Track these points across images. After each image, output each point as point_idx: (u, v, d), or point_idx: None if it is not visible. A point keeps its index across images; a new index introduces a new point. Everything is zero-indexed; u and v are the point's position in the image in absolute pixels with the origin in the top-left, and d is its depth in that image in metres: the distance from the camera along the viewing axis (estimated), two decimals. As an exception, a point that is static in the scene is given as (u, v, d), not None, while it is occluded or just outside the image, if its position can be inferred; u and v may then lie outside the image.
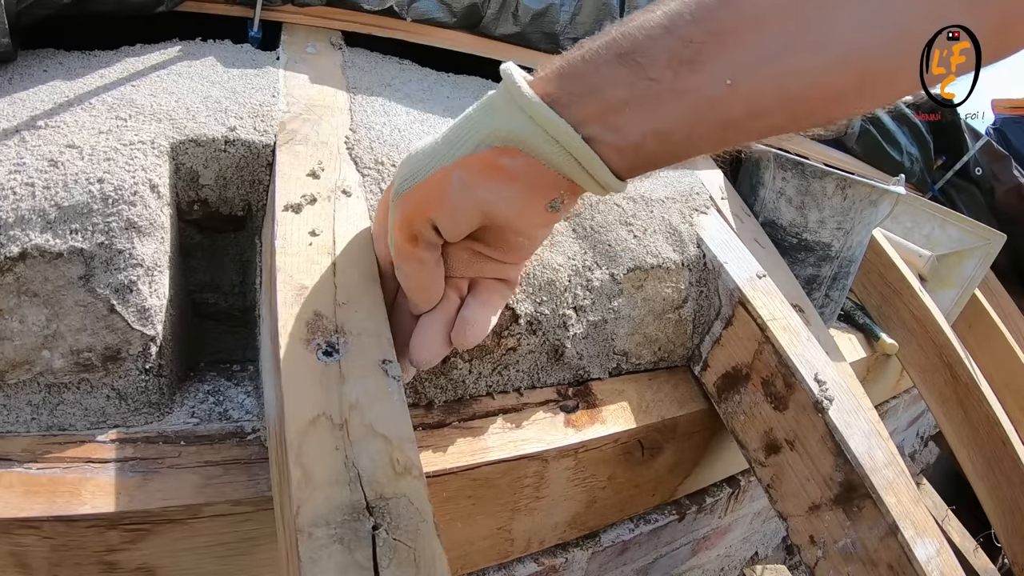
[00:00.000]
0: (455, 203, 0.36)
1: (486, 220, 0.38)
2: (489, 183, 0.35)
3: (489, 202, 0.36)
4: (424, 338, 0.42)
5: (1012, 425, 1.10)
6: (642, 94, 0.32)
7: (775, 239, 0.96)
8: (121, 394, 0.46)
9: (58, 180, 0.45)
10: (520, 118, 0.34)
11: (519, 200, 0.36)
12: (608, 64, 0.33)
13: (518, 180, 0.35)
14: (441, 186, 0.36)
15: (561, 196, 0.37)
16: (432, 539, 0.35)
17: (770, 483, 0.67)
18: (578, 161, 0.34)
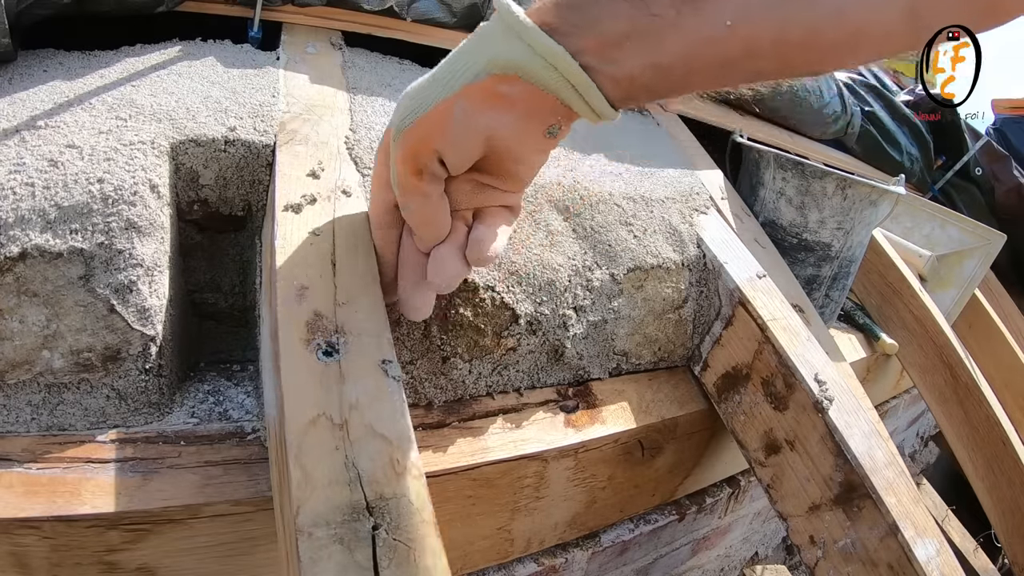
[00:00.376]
0: (459, 132, 0.37)
1: (487, 148, 0.38)
2: (490, 111, 0.36)
3: (491, 128, 0.37)
4: (442, 261, 0.42)
5: (1012, 425, 1.10)
6: (643, 28, 0.33)
7: (775, 239, 0.96)
8: (121, 394, 0.46)
9: (58, 180, 0.45)
10: (518, 46, 0.34)
11: (519, 126, 0.37)
12: (612, 4, 0.34)
13: (517, 106, 0.36)
14: (444, 117, 0.36)
15: (558, 122, 0.37)
16: (432, 539, 0.35)
17: (770, 483, 0.67)
18: (575, 88, 0.35)
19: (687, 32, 0.32)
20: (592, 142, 0.86)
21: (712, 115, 1.18)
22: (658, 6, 0.32)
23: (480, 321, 0.57)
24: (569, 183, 0.71)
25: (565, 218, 0.67)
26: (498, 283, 0.58)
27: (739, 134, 1.06)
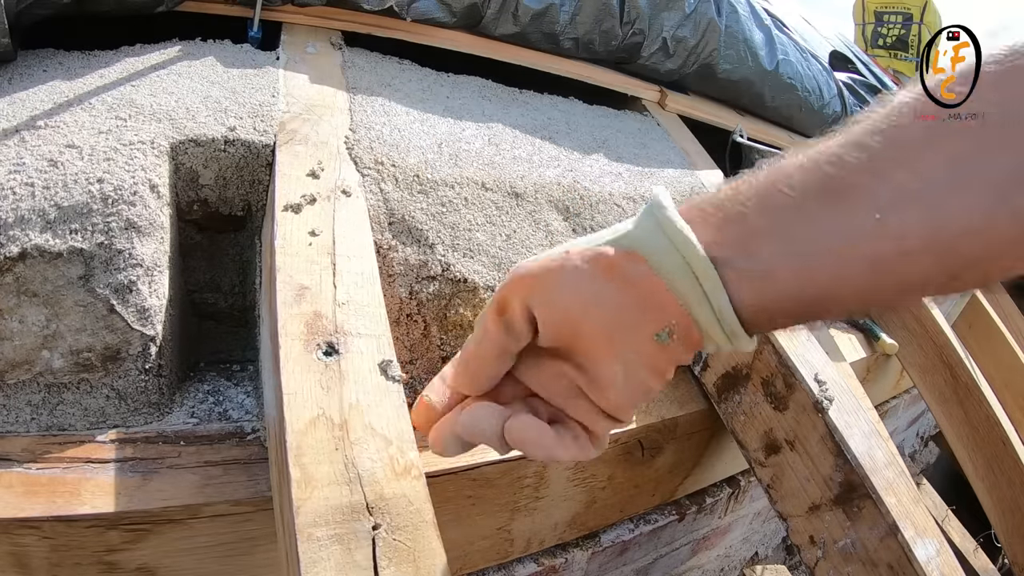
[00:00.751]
0: (562, 289, 0.33)
1: (587, 330, 0.34)
2: (602, 280, 0.33)
3: (595, 302, 0.33)
4: (471, 415, 0.36)
5: (1012, 425, 1.10)
6: (786, 220, 0.30)
7: (775, 239, 0.96)
8: (121, 394, 0.46)
9: (58, 180, 0.45)
10: (658, 236, 0.32)
11: (624, 311, 0.33)
12: (755, 193, 0.32)
13: (631, 289, 0.33)
14: (555, 267, 0.34)
15: (671, 328, 0.33)
16: (432, 539, 0.35)
17: (770, 483, 0.67)
18: (701, 286, 0.32)
19: (832, 224, 0.30)
20: (592, 142, 0.86)
21: (712, 115, 1.18)
22: (803, 199, 0.30)
23: (480, 321, 0.57)
24: (569, 183, 0.71)
25: (565, 218, 0.67)
26: (498, 283, 0.58)
27: (739, 134, 1.06)
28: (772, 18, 1.32)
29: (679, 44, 1.06)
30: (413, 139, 0.66)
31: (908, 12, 3.92)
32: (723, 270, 0.31)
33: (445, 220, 0.58)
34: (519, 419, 0.35)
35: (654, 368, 0.34)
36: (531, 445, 0.34)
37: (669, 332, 0.33)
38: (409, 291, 0.55)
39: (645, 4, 1.00)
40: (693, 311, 0.32)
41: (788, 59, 1.23)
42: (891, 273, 0.29)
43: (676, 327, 0.33)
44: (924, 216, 0.28)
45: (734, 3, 1.15)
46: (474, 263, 0.57)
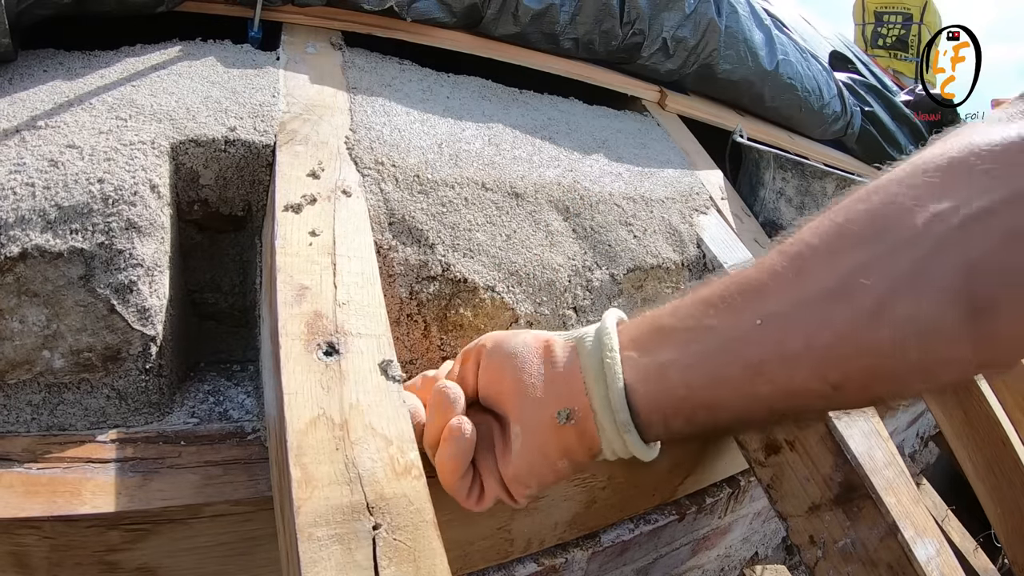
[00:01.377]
0: (505, 349, 0.40)
1: (506, 387, 0.39)
2: (537, 355, 0.38)
3: (522, 369, 0.38)
4: None
5: (1012, 425, 1.09)
6: (685, 327, 0.34)
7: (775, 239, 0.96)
8: (121, 394, 0.46)
9: (58, 180, 0.45)
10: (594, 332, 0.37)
11: (540, 384, 0.37)
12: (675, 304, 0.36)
13: (554, 370, 0.37)
14: (510, 334, 0.41)
15: (571, 412, 0.36)
16: (432, 539, 0.35)
17: (770, 483, 0.67)
18: (602, 370, 0.35)
19: (719, 330, 0.32)
20: (592, 142, 0.86)
21: (712, 115, 1.18)
22: (695, 308, 0.34)
23: (480, 321, 0.57)
24: (569, 183, 0.71)
25: (565, 218, 0.67)
26: (498, 283, 0.58)
27: (739, 134, 1.06)
28: (772, 18, 1.32)
29: (679, 44, 1.06)
30: (413, 139, 0.66)
31: (908, 12, 3.92)
32: (625, 365, 0.35)
33: (445, 220, 0.58)
34: (462, 426, 0.38)
35: (546, 446, 0.37)
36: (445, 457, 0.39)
37: (568, 416, 0.36)
38: (409, 291, 0.55)
39: (645, 4, 1.00)
40: (593, 399, 0.36)
41: (788, 59, 1.23)
42: (772, 379, 0.31)
43: (575, 413, 0.36)
44: (803, 322, 0.29)
45: (734, 3, 1.15)
46: (474, 263, 0.57)
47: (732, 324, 0.32)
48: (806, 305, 0.30)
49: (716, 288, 0.34)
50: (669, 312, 0.36)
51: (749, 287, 0.32)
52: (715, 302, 0.33)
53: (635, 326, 0.37)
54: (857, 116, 1.48)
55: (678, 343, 0.34)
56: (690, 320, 0.34)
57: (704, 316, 0.33)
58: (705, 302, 0.34)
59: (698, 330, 0.33)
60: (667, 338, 0.34)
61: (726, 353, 0.32)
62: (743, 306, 0.32)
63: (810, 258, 0.31)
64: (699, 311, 0.34)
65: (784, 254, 0.33)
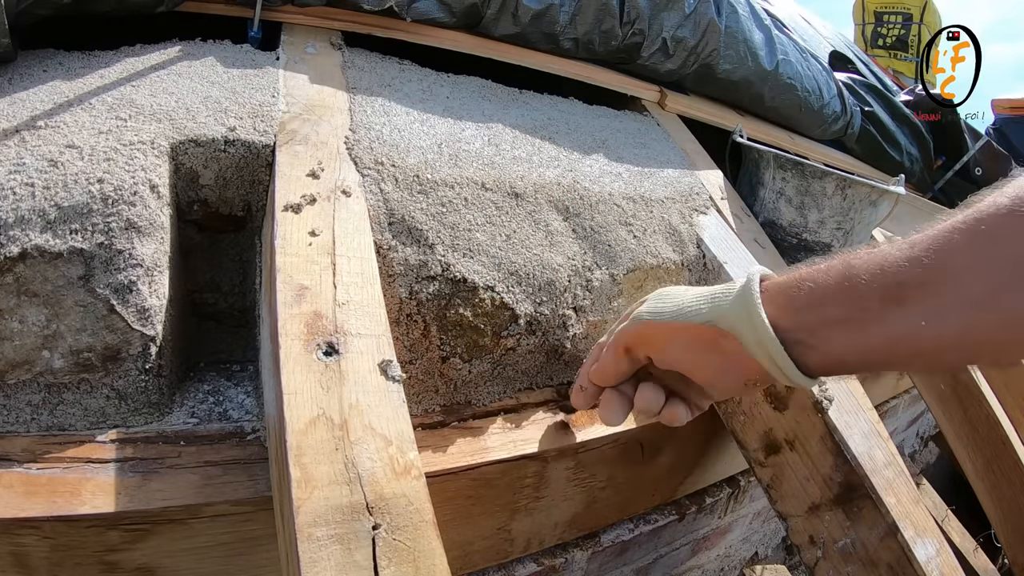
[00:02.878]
0: (672, 352, 0.47)
1: (693, 374, 0.47)
2: (705, 351, 0.46)
3: (700, 364, 0.46)
4: (607, 400, 0.52)
5: (1012, 425, 1.09)
6: (854, 318, 0.40)
7: (775, 239, 0.96)
8: (121, 394, 0.46)
9: (58, 180, 0.45)
10: (746, 322, 0.43)
11: (721, 372, 0.46)
12: (832, 287, 0.41)
13: (727, 358, 0.45)
14: (668, 336, 0.47)
15: (756, 380, 0.45)
16: (432, 539, 0.35)
17: (770, 483, 0.67)
18: (778, 366, 0.42)
19: (888, 326, 0.39)
20: (592, 142, 0.86)
21: (712, 115, 1.18)
22: (868, 301, 0.39)
23: (479, 321, 0.57)
24: (569, 183, 0.71)
25: (565, 218, 0.67)
26: (498, 283, 0.58)
27: (739, 134, 1.06)
28: (772, 18, 1.32)
29: (679, 44, 1.06)
30: (413, 139, 0.66)
31: (908, 12, 3.92)
32: (796, 347, 0.42)
33: (445, 220, 0.58)
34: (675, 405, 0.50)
35: (739, 390, 0.48)
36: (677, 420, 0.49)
37: (755, 382, 0.46)
38: (409, 291, 0.55)
39: (645, 4, 1.00)
40: (771, 373, 0.43)
41: (788, 59, 1.23)
42: (927, 359, 0.39)
43: (759, 378, 0.45)
44: (956, 326, 0.37)
45: (734, 3, 1.15)
46: (474, 263, 0.57)
47: (898, 321, 0.38)
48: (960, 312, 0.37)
49: (872, 281, 0.39)
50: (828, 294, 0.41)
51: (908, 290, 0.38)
52: (878, 297, 0.39)
53: (792, 304, 0.42)
54: (857, 116, 1.48)
55: (848, 330, 0.40)
56: (854, 310, 0.40)
57: (868, 309, 0.39)
58: (868, 293, 0.39)
59: (869, 322, 0.39)
60: (835, 325, 0.40)
61: (895, 344, 0.39)
62: (908, 307, 0.38)
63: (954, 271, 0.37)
64: (862, 301, 0.39)
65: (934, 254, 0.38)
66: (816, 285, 0.42)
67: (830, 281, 0.41)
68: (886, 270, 0.39)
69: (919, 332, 0.38)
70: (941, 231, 0.39)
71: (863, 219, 0.94)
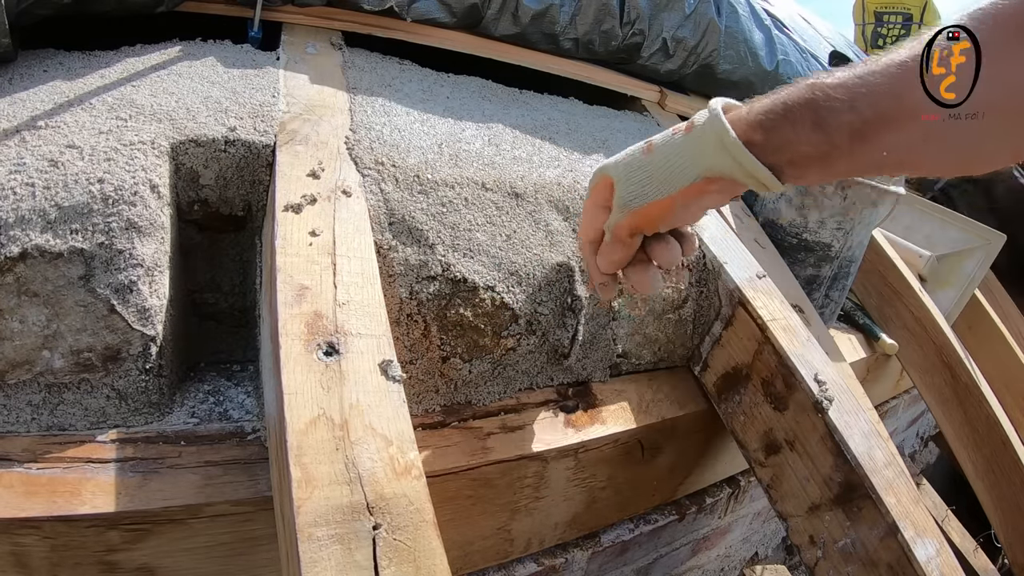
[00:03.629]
0: (677, 216, 0.50)
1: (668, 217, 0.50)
2: (701, 199, 0.49)
3: (702, 208, 0.49)
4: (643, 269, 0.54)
5: (1012, 425, 1.10)
6: (824, 154, 0.43)
7: (775, 239, 0.96)
8: (121, 394, 0.46)
9: (58, 180, 0.45)
10: (728, 161, 0.45)
11: (718, 200, 0.49)
12: (803, 126, 0.44)
13: (722, 192, 0.48)
14: (667, 209, 0.49)
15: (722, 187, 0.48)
16: (432, 539, 0.35)
17: (770, 483, 0.67)
18: (767, 187, 0.46)
19: (856, 158, 0.43)
20: (592, 142, 0.86)
21: (712, 115, 1.18)
22: (838, 137, 0.42)
23: (480, 321, 0.57)
24: (569, 183, 0.71)
25: (565, 218, 0.67)
26: (498, 283, 0.58)
27: (739, 134, 1.05)
28: (772, 18, 1.32)
29: (679, 44, 1.06)
30: (413, 139, 0.66)
31: (908, 12, 3.92)
32: (777, 173, 0.45)
33: (445, 220, 0.58)
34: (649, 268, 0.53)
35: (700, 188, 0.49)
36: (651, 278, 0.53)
37: None
38: (409, 291, 0.55)
39: (645, 4, 1.00)
40: (759, 191, 0.46)
41: (788, 59, 1.23)
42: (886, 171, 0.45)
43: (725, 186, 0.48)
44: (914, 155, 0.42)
45: (734, 3, 1.15)
46: (474, 263, 0.57)
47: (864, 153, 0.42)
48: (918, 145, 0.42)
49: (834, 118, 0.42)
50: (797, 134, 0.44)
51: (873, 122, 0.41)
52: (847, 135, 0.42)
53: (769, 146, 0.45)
54: (857, 116, 1.48)
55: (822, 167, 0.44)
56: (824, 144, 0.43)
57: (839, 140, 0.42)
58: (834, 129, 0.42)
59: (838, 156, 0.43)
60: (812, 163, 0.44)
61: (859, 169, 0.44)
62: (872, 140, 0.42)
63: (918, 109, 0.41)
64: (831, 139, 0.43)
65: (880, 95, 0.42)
66: (787, 121, 0.45)
67: (804, 120, 0.44)
68: (853, 106, 0.42)
69: (880, 159, 0.43)
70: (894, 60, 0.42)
71: (863, 219, 0.94)
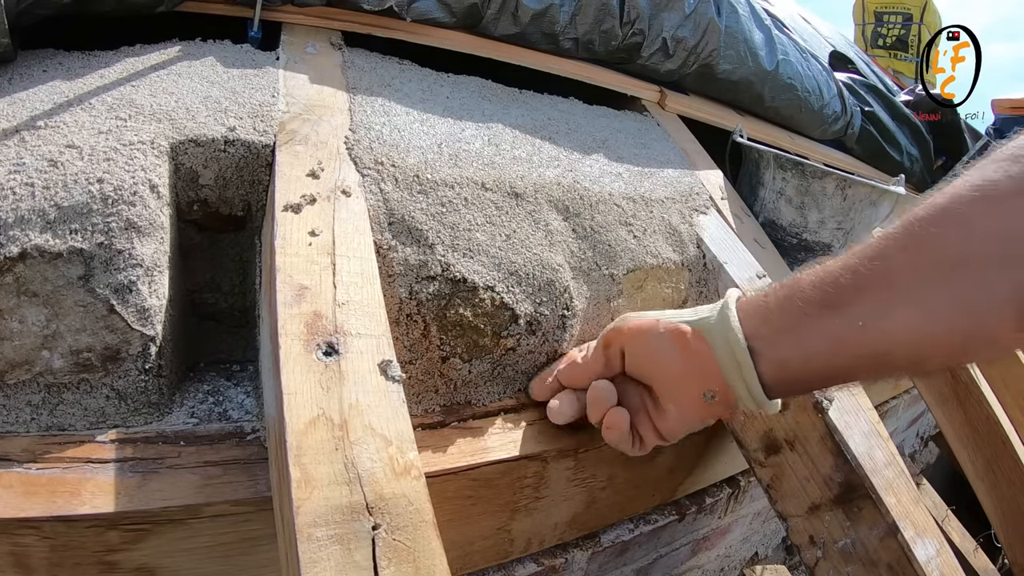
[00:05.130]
0: (646, 343, 0.49)
1: (656, 374, 0.49)
2: (675, 346, 0.47)
3: (666, 360, 0.48)
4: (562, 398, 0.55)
5: (1012, 425, 1.09)
6: (798, 324, 0.42)
7: (775, 239, 0.96)
8: (121, 394, 0.46)
9: (58, 180, 0.45)
10: (717, 325, 0.45)
11: (684, 375, 0.47)
12: (782, 300, 0.44)
13: (693, 358, 0.46)
14: (645, 328, 0.49)
15: (714, 392, 0.46)
16: (432, 539, 0.35)
17: (770, 483, 0.67)
18: (738, 363, 0.44)
19: (827, 328, 0.41)
20: (592, 142, 0.86)
21: (712, 115, 1.18)
22: (809, 307, 0.42)
23: (479, 321, 0.57)
24: (569, 183, 0.71)
25: (565, 218, 0.67)
26: (498, 283, 0.58)
27: (739, 134, 1.06)
28: (772, 18, 1.32)
29: (679, 44, 1.06)
30: (413, 139, 0.66)
31: (908, 12, 3.92)
32: (756, 356, 0.44)
33: (445, 220, 0.58)
34: (619, 411, 0.50)
35: (699, 415, 0.49)
36: (615, 430, 0.50)
37: (712, 395, 0.46)
38: (409, 291, 0.55)
39: (645, 4, 1.00)
40: (732, 383, 0.45)
41: (788, 59, 1.23)
42: (870, 363, 0.41)
43: (718, 392, 0.46)
44: (895, 326, 0.39)
45: (734, 3, 1.15)
46: (474, 263, 0.57)
47: (838, 323, 0.40)
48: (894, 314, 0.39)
49: (812, 292, 0.42)
50: (783, 304, 0.44)
51: (846, 294, 0.40)
52: (817, 305, 0.41)
53: (753, 314, 0.45)
54: (857, 116, 1.48)
55: (793, 338, 0.43)
56: (799, 319, 0.42)
57: (810, 315, 0.42)
58: (808, 303, 0.42)
59: (807, 328, 0.42)
60: (784, 333, 0.43)
61: (838, 348, 0.41)
62: (843, 309, 0.40)
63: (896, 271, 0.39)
64: (804, 311, 0.42)
65: (869, 260, 0.41)
66: (767, 299, 0.45)
67: (780, 294, 0.44)
68: (824, 279, 0.42)
69: (858, 333, 0.40)
70: (879, 238, 0.41)
71: (863, 219, 0.94)
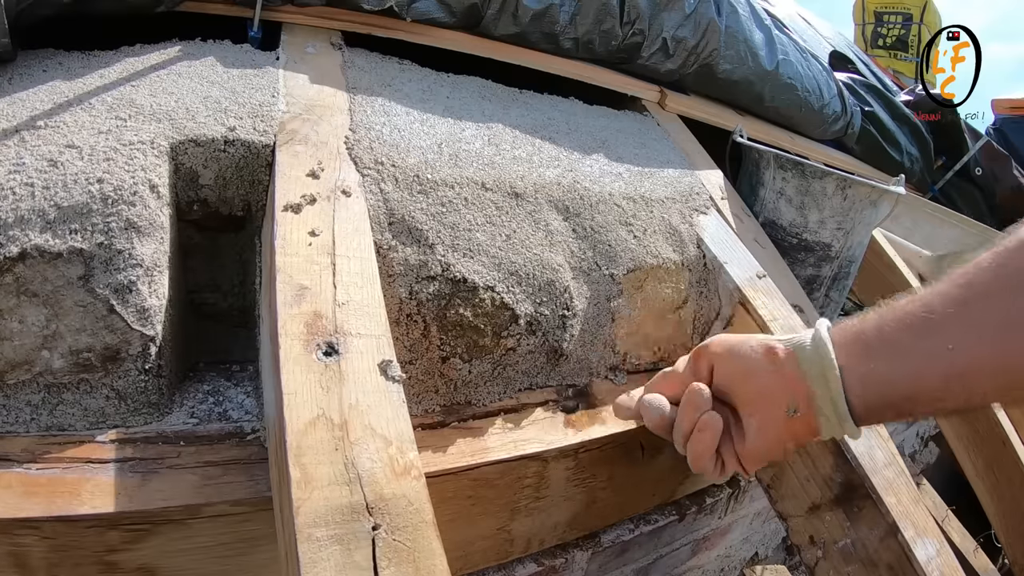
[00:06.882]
0: (736, 357, 0.49)
1: (742, 387, 0.49)
2: (764, 361, 0.48)
3: (753, 373, 0.48)
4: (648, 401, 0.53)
5: (1012, 425, 1.09)
6: (888, 346, 0.44)
7: (775, 239, 0.96)
8: (121, 394, 0.46)
9: (58, 180, 0.45)
10: (811, 347, 0.46)
11: (771, 385, 0.47)
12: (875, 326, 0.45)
13: (780, 373, 0.47)
14: (736, 343, 0.50)
15: (798, 408, 0.46)
16: (432, 539, 0.35)
17: (770, 483, 0.67)
18: (825, 378, 0.45)
19: (917, 349, 0.42)
20: (592, 142, 0.86)
21: (712, 115, 1.18)
22: (900, 335, 0.43)
23: (480, 321, 0.57)
24: (569, 183, 0.71)
25: (565, 218, 0.67)
26: (498, 283, 0.58)
27: (739, 134, 1.06)
28: (772, 18, 1.31)
29: (679, 44, 1.06)
30: (413, 139, 0.66)
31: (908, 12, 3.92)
32: (844, 373, 0.44)
33: (445, 220, 0.58)
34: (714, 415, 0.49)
35: (777, 433, 0.48)
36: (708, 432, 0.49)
37: (795, 410, 0.46)
38: (409, 291, 0.55)
39: (645, 4, 1.00)
40: (817, 400, 0.45)
41: (788, 59, 1.23)
42: (957, 386, 0.41)
43: (800, 407, 0.46)
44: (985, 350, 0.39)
45: (734, 3, 1.15)
46: (474, 263, 0.57)
47: (925, 347, 0.41)
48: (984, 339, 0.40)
49: (910, 309, 0.43)
50: (874, 328, 0.45)
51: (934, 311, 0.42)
52: (907, 330, 0.43)
53: (844, 337, 0.46)
54: (857, 116, 1.48)
55: (885, 358, 0.44)
56: (892, 340, 0.44)
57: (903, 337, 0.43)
58: (901, 324, 0.43)
59: (899, 351, 0.43)
60: (876, 354, 0.44)
61: (924, 369, 0.42)
62: (936, 335, 0.41)
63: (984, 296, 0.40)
64: (898, 330, 0.43)
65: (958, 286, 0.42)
66: (860, 323, 0.46)
67: (872, 318, 0.45)
68: (915, 303, 0.43)
69: (946, 355, 0.40)
70: (969, 264, 0.42)
71: (863, 219, 0.94)
